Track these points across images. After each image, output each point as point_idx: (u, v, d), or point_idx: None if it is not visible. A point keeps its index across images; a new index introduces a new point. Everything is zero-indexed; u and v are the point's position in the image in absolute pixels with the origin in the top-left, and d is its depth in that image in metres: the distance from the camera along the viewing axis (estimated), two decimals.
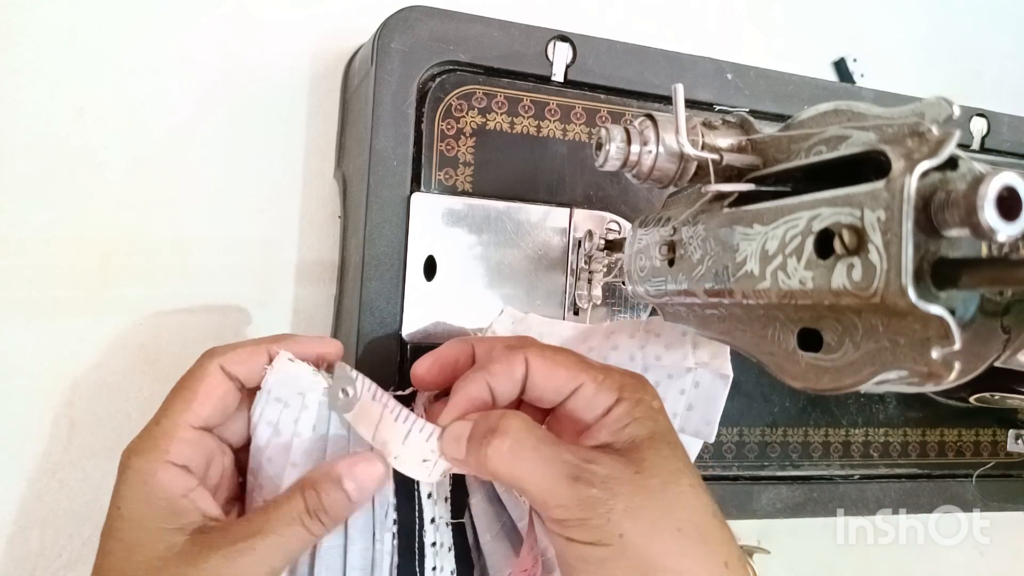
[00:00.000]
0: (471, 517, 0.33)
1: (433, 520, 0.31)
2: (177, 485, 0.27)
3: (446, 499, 0.32)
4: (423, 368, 0.31)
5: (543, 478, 0.25)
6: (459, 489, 0.32)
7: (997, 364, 0.22)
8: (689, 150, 0.26)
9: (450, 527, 0.32)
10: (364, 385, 0.29)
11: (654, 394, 0.29)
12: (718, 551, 0.26)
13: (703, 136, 0.27)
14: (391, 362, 0.36)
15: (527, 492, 0.26)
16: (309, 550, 0.29)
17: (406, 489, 0.31)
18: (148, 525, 0.26)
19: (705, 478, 0.42)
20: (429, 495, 0.31)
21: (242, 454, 0.31)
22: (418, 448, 0.28)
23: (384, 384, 0.30)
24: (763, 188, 0.26)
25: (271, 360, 0.30)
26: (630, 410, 0.28)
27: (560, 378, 0.28)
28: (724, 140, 0.28)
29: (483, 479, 0.32)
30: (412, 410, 0.29)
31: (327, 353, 0.31)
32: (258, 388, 0.30)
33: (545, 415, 0.30)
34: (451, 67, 0.38)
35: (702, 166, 0.28)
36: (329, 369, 0.31)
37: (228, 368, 0.29)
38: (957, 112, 0.20)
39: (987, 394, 0.41)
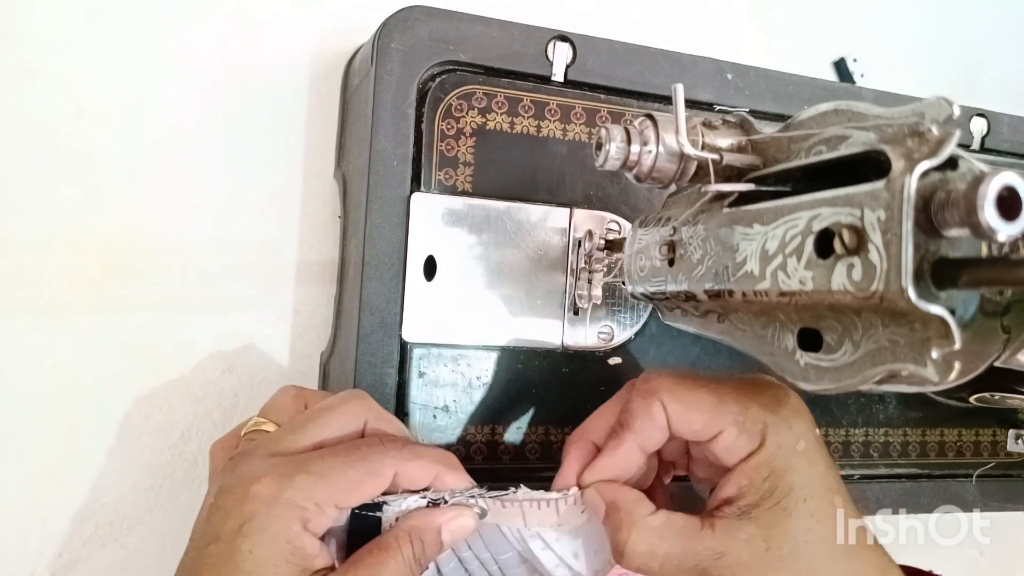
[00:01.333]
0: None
1: None
2: (312, 549, 0.27)
3: None
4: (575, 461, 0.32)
5: (673, 571, 0.28)
6: None
7: (997, 364, 0.22)
8: (689, 150, 0.26)
9: None
10: (488, 501, 0.30)
11: (802, 430, 0.29)
12: None
13: (703, 136, 0.27)
14: (391, 362, 0.36)
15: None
16: None
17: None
18: (273, 572, 0.26)
19: None
20: None
21: None
22: (574, 515, 0.31)
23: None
24: (763, 188, 0.26)
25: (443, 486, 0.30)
26: (770, 460, 0.28)
27: (698, 423, 0.29)
28: (724, 140, 0.28)
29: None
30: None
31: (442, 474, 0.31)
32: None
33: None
34: (451, 67, 0.38)
35: (702, 166, 0.27)
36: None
37: (400, 481, 0.29)
38: (957, 112, 0.20)
39: (987, 394, 0.41)
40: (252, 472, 0.27)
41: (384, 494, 0.29)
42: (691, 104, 0.39)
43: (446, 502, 0.30)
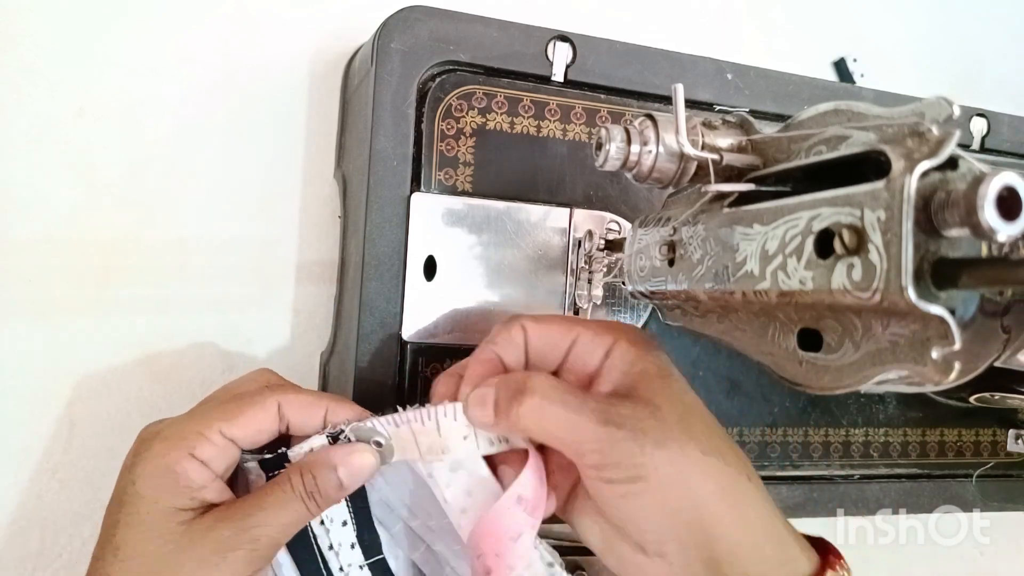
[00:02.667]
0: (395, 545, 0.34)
1: (342, 569, 0.32)
2: (197, 476, 0.28)
3: (352, 545, 0.33)
4: (443, 388, 0.32)
5: (575, 427, 0.27)
6: (367, 528, 0.33)
7: (997, 364, 0.22)
8: (689, 150, 0.26)
9: (366, 568, 0.33)
10: (384, 423, 0.31)
11: (650, 336, 0.31)
12: (738, 467, 0.28)
13: (703, 136, 0.27)
14: (391, 362, 0.36)
15: (561, 443, 0.28)
16: None
17: (305, 548, 0.32)
18: (163, 505, 0.28)
19: None
20: (330, 547, 0.32)
21: None
22: (455, 431, 0.30)
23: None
24: (763, 188, 0.26)
25: (325, 420, 0.31)
26: (630, 349, 0.29)
27: (555, 333, 0.30)
28: (724, 140, 0.28)
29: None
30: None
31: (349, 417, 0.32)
32: (302, 437, 0.31)
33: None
34: (451, 67, 0.38)
35: (702, 166, 0.28)
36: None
37: (284, 409, 0.31)
38: (957, 112, 0.20)
39: (987, 394, 0.41)
40: (146, 425, 0.31)
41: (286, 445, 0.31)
42: (691, 104, 0.39)
43: (348, 439, 0.30)
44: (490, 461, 0.31)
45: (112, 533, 0.28)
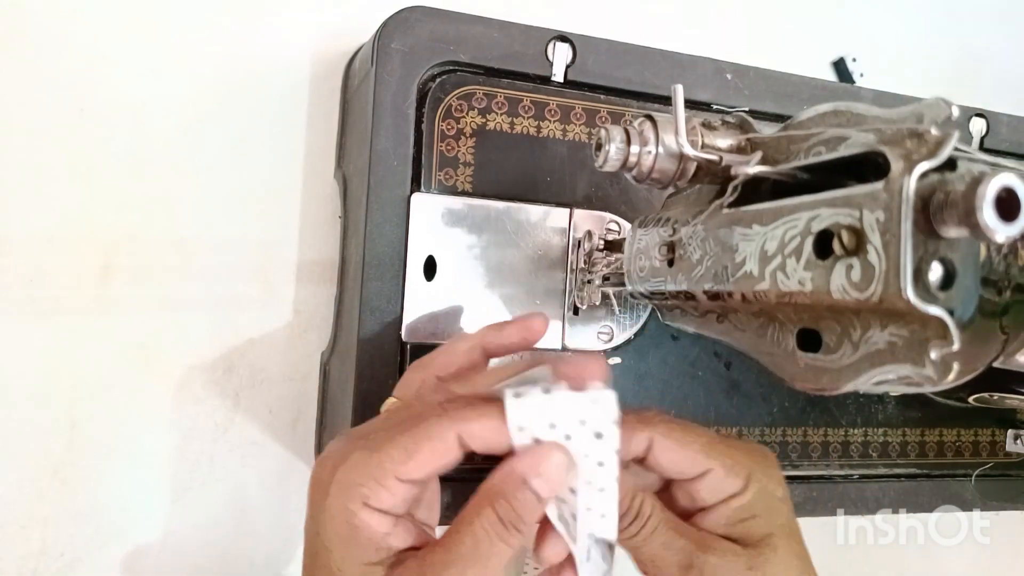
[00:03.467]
0: None
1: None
2: (379, 526, 0.26)
3: None
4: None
5: (659, 559, 0.27)
6: None
7: (996, 364, 0.22)
8: (689, 151, 0.26)
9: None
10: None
11: (779, 480, 0.29)
12: None
13: (703, 137, 0.27)
14: (391, 362, 0.36)
15: (643, 566, 0.28)
16: None
17: None
18: (352, 560, 0.26)
19: None
20: None
21: None
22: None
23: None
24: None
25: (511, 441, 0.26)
26: (753, 503, 0.28)
27: (686, 463, 0.28)
28: (723, 141, 0.28)
29: None
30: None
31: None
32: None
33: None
34: (451, 67, 0.38)
35: (701, 166, 0.28)
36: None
37: (465, 437, 0.26)
38: (956, 113, 0.20)
39: (986, 394, 0.41)
40: (322, 457, 0.27)
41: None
42: (691, 104, 0.39)
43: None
44: None
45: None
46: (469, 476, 0.38)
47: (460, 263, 0.38)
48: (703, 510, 0.29)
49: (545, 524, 0.28)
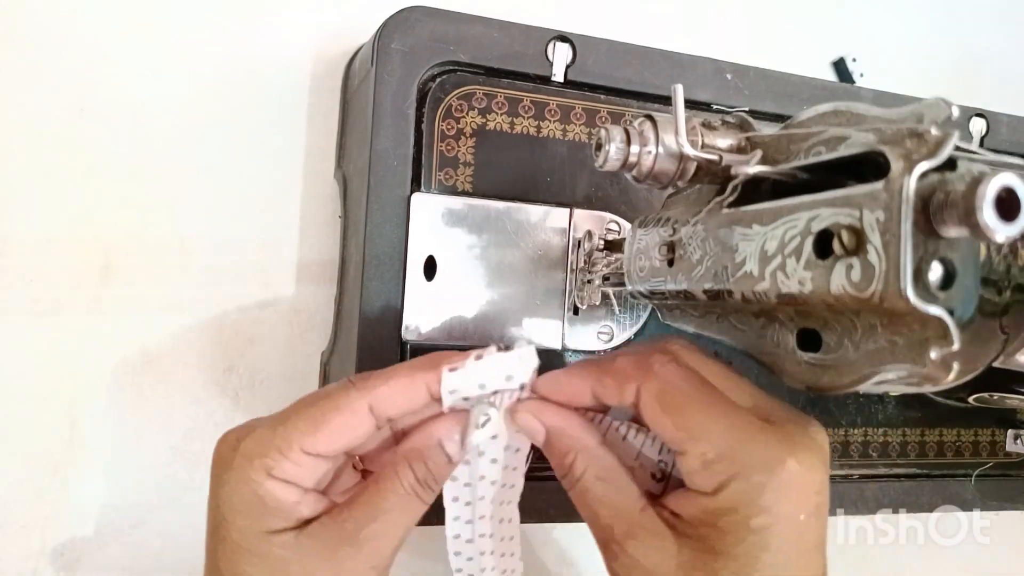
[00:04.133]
0: None
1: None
2: (284, 496, 0.26)
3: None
4: (550, 390, 0.28)
5: (588, 521, 0.27)
6: None
7: (996, 364, 0.22)
8: (689, 150, 0.26)
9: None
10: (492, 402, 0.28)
11: (802, 492, 0.24)
12: None
13: (702, 136, 0.27)
14: (391, 362, 0.36)
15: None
16: None
17: None
18: (255, 529, 0.26)
19: None
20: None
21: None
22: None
23: None
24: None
25: (430, 394, 0.27)
26: (727, 507, 0.24)
27: (664, 434, 0.25)
28: (723, 140, 0.28)
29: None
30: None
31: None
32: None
33: None
34: (451, 67, 0.38)
35: (701, 166, 0.28)
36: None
37: (378, 409, 0.27)
38: (956, 113, 0.20)
39: (986, 394, 0.41)
40: (224, 434, 0.27)
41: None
42: (691, 104, 0.39)
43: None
44: None
45: (214, 561, 0.26)
46: None
47: (460, 263, 0.38)
48: (675, 492, 0.26)
49: None
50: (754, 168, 0.25)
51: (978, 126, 0.48)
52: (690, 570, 0.24)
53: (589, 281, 0.38)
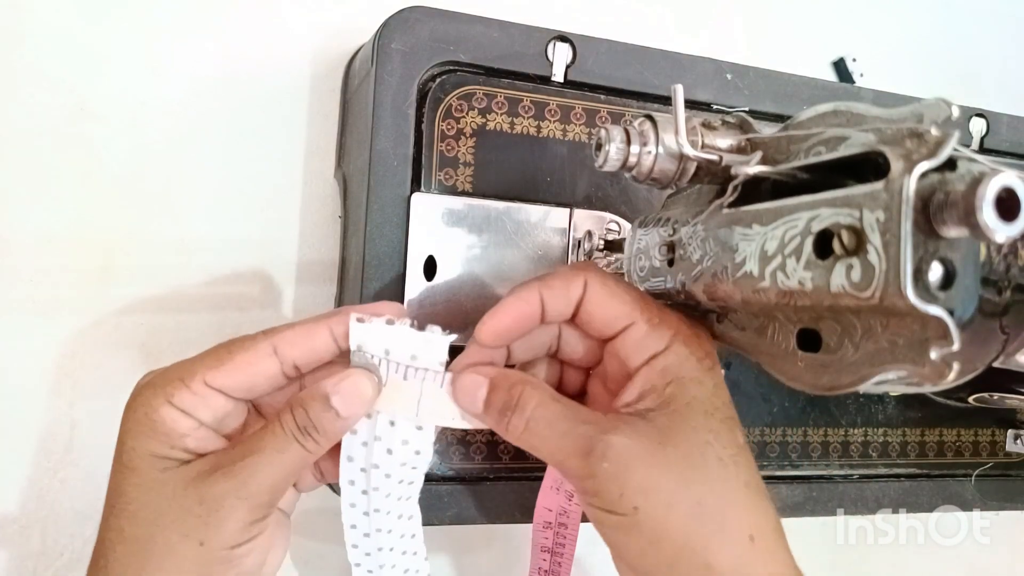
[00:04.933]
0: None
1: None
2: (176, 425, 0.27)
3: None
4: (488, 334, 0.29)
5: (558, 451, 0.26)
6: None
7: (996, 365, 0.22)
8: (689, 151, 0.26)
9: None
10: (389, 368, 0.29)
11: (709, 349, 0.28)
12: (742, 524, 0.26)
13: (702, 137, 0.27)
14: None
15: (548, 460, 0.28)
16: None
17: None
18: (145, 452, 0.27)
19: None
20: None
21: None
22: (440, 397, 0.29)
23: None
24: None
25: (334, 338, 0.29)
26: (676, 365, 0.27)
27: (614, 310, 0.28)
28: (723, 141, 0.28)
29: None
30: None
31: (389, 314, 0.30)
32: (317, 370, 0.30)
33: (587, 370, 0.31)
34: (451, 67, 0.38)
35: (701, 167, 0.28)
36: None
37: (281, 349, 0.28)
38: (956, 113, 0.20)
39: (986, 394, 0.41)
40: (144, 375, 0.29)
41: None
42: (690, 104, 0.39)
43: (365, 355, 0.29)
44: None
45: (112, 485, 0.28)
46: (484, 476, 0.38)
47: (460, 263, 0.38)
48: (629, 377, 0.28)
49: None
50: (754, 168, 0.25)
51: (978, 126, 0.48)
52: (669, 431, 0.26)
53: None
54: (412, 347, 0.29)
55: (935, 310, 0.19)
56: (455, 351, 0.31)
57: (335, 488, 0.32)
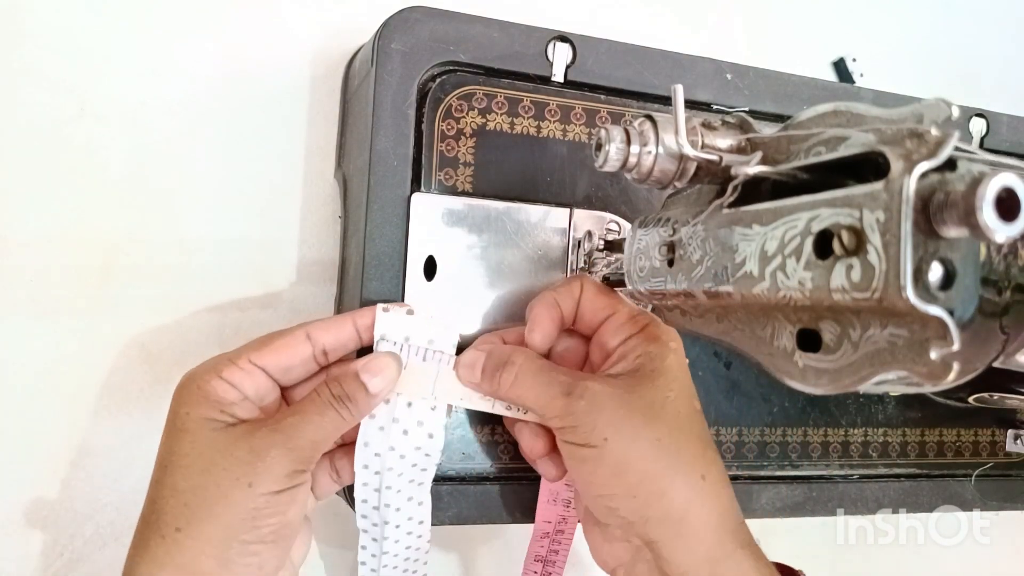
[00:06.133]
0: None
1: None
2: (225, 394, 0.30)
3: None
4: (540, 340, 0.35)
5: (541, 395, 0.31)
6: None
7: (996, 365, 0.22)
8: (689, 151, 0.26)
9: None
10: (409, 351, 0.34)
11: (676, 340, 0.34)
12: (695, 464, 0.31)
13: (702, 137, 0.27)
14: None
15: (531, 409, 0.33)
16: None
17: None
18: (197, 415, 0.30)
19: None
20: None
21: None
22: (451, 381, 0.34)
23: None
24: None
25: (357, 330, 0.33)
26: (646, 344, 0.33)
27: (601, 301, 0.35)
28: (723, 141, 0.28)
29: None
30: None
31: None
32: (339, 361, 0.34)
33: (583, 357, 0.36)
34: (451, 67, 0.38)
35: (701, 167, 0.28)
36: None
37: (313, 335, 0.32)
38: (956, 113, 0.20)
39: (986, 394, 0.41)
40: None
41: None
42: (690, 104, 0.39)
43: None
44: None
45: (165, 448, 0.30)
46: (484, 476, 0.38)
47: (460, 263, 0.38)
48: (609, 356, 0.34)
49: None
50: (754, 168, 0.25)
51: (978, 126, 0.48)
52: (638, 385, 0.31)
53: None
54: (430, 332, 0.34)
55: (935, 310, 0.19)
56: (461, 347, 0.35)
57: (349, 500, 0.35)
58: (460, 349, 0.35)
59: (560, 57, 0.39)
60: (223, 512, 0.29)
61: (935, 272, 0.20)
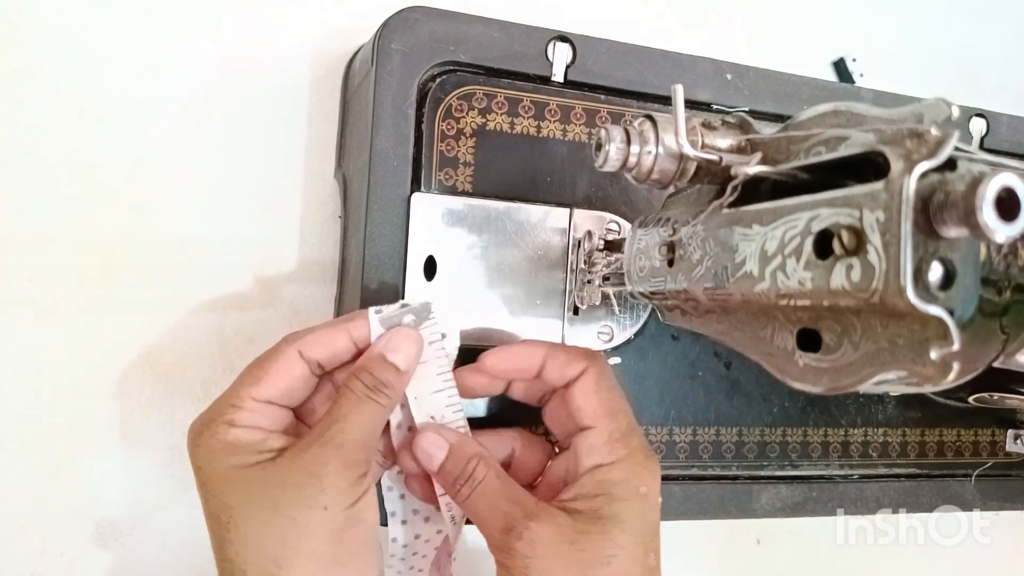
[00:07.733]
0: None
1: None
2: (250, 437, 0.29)
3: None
4: (491, 366, 0.34)
5: (487, 522, 0.30)
6: None
7: (996, 365, 0.22)
8: (689, 151, 0.26)
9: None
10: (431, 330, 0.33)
11: (652, 481, 0.31)
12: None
13: (702, 137, 0.27)
14: None
15: (476, 526, 0.31)
16: None
17: None
18: (234, 464, 0.28)
19: (704, 478, 0.42)
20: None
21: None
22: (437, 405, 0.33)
23: None
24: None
25: (352, 340, 0.31)
26: (614, 483, 0.31)
27: (590, 406, 0.32)
28: (723, 141, 0.28)
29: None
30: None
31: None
32: (341, 367, 0.32)
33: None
34: (451, 67, 0.38)
35: (701, 167, 0.28)
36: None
37: (306, 352, 0.31)
38: (956, 113, 0.20)
39: (986, 394, 0.41)
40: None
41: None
42: (690, 104, 0.39)
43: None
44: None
45: (213, 512, 0.29)
46: None
47: (460, 263, 0.38)
48: (569, 484, 0.31)
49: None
50: (754, 168, 0.25)
51: (978, 126, 0.48)
52: (584, 535, 0.29)
53: (589, 281, 0.38)
54: (429, 335, 0.33)
55: (935, 310, 0.19)
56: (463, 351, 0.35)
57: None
58: (460, 349, 0.34)
59: (560, 57, 0.39)
60: (310, 543, 0.28)
61: (935, 272, 0.20)
